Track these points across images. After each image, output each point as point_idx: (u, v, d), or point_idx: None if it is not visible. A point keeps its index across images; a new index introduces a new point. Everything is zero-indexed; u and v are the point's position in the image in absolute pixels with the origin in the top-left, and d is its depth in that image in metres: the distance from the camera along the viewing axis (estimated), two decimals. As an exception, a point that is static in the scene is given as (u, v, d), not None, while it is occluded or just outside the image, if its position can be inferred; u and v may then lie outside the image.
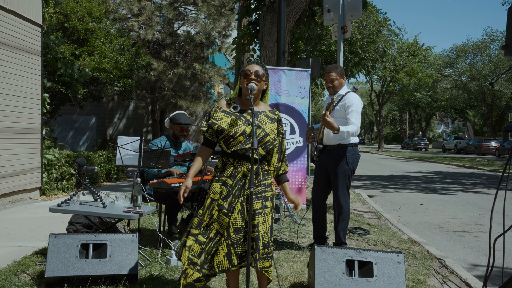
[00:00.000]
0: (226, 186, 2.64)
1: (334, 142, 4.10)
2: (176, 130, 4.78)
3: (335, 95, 4.18)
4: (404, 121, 66.77)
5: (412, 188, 11.24)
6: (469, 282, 3.53)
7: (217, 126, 2.65)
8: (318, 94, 40.20)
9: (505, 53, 2.22)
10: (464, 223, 6.62)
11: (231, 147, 2.64)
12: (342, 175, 4.08)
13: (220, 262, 2.57)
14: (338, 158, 4.07)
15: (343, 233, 4.14)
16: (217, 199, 2.64)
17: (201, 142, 2.84)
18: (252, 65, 2.72)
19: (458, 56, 37.96)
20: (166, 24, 18.14)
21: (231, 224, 2.59)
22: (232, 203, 2.60)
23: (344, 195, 4.12)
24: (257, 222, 2.59)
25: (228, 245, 2.57)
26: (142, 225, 5.32)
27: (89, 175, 3.87)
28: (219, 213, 2.62)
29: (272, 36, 8.62)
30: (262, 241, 2.58)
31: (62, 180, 8.74)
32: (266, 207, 2.64)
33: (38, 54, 7.81)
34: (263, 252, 2.58)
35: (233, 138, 2.62)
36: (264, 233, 2.60)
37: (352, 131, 3.92)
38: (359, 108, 4.06)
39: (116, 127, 22.66)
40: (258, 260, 2.55)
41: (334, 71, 4.18)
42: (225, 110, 2.71)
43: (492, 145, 31.66)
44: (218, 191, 2.65)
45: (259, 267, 2.55)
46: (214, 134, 2.72)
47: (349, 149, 4.09)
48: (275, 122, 2.76)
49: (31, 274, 3.43)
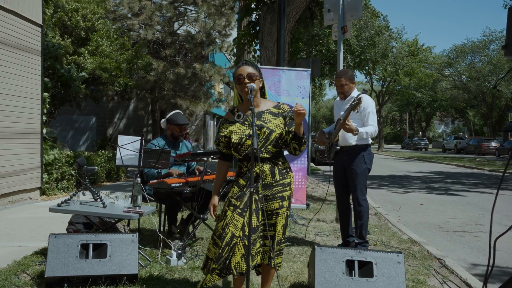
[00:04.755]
0: (239, 186, 2.68)
1: (351, 143, 4.17)
2: (175, 131, 4.76)
3: (346, 99, 4.26)
4: (404, 121, 66.76)
5: (412, 188, 11.24)
6: (469, 282, 3.53)
7: (223, 138, 2.71)
8: (318, 94, 40.20)
9: (505, 53, 2.22)
10: (464, 223, 6.62)
11: (241, 152, 2.68)
12: (361, 175, 4.14)
13: (238, 263, 2.60)
14: (356, 158, 4.15)
15: (364, 232, 4.19)
16: (231, 199, 2.68)
17: (218, 157, 2.89)
18: (242, 68, 2.70)
19: (457, 56, 37.98)
20: (166, 23, 18.14)
21: (246, 223, 2.60)
22: (246, 203, 2.63)
23: (362, 194, 4.18)
24: (274, 222, 2.67)
25: (244, 245, 2.59)
26: (142, 225, 5.32)
27: (89, 175, 3.87)
28: (233, 213, 2.63)
29: (272, 36, 8.62)
30: (276, 239, 2.67)
31: (62, 180, 8.74)
32: (283, 207, 2.69)
33: (38, 54, 7.80)
34: (276, 249, 2.67)
35: (241, 144, 2.66)
36: (278, 231, 2.68)
37: (371, 132, 4.05)
38: (374, 109, 4.19)
39: (116, 127, 22.66)
40: (272, 258, 2.64)
41: (344, 77, 4.25)
42: (230, 120, 2.75)
43: (492, 145, 31.69)
44: (235, 191, 2.69)
45: (273, 264, 2.64)
46: (226, 146, 2.75)
47: (365, 148, 4.18)
48: (280, 116, 2.73)
49: (31, 274, 3.42)
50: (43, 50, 8.07)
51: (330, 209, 6.82)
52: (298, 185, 6.42)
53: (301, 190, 6.39)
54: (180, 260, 3.74)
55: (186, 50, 18.75)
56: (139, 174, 4.08)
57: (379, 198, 9.22)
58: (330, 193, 8.16)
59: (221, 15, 18.11)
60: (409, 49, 35.29)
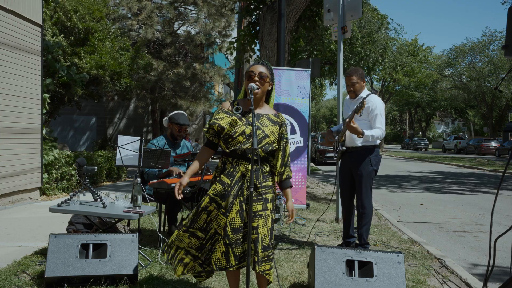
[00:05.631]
0: (224, 185, 2.63)
1: (358, 144, 4.10)
2: (174, 130, 4.77)
3: (356, 98, 4.19)
4: (404, 121, 66.73)
5: (412, 188, 11.24)
6: (469, 282, 3.53)
7: (217, 126, 2.64)
8: (318, 94, 40.22)
9: (505, 53, 2.22)
10: (464, 223, 6.62)
11: (230, 146, 2.64)
12: (366, 177, 4.08)
13: (218, 259, 2.58)
14: (362, 160, 4.08)
15: (366, 234, 4.15)
16: (214, 197, 2.64)
17: (204, 143, 2.84)
18: (256, 66, 2.69)
19: (457, 56, 37.99)
20: (166, 23, 18.14)
21: (228, 223, 2.58)
22: (231, 203, 2.59)
23: (367, 196, 4.12)
24: (257, 225, 2.58)
25: (225, 244, 2.57)
26: (142, 225, 5.32)
27: (89, 175, 3.87)
28: (217, 211, 2.63)
29: (272, 36, 8.62)
30: (261, 243, 2.56)
31: (62, 180, 8.74)
32: (267, 209, 2.63)
33: (38, 54, 7.80)
34: (262, 255, 2.56)
35: (232, 137, 2.62)
36: (264, 235, 2.59)
37: (377, 135, 3.94)
38: (382, 111, 4.08)
39: (116, 127, 22.67)
40: (257, 262, 2.53)
41: (355, 75, 4.18)
42: (227, 111, 2.70)
43: (492, 145, 31.68)
44: (218, 189, 2.64)
45: (259, 270, 2.54)
46: (215, 135, 2.71)
47: (373, 150, 4.10)
48: (277, 125, 2.73)
49: (31, 274, 3.42)
50: (43, 50, 8.07)
51: (330, 209, 6.82)
52: (298, 185, 6.42)
53: (301, 190, 6.39)
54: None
55: (186, 50, 18.75)
56: (139, 174, 4.08)
57: (379, 198, 9.22)
58: (330, 193, 8.15)
59: (221, 16, 18.12)
60: (409, 49, 35.28)
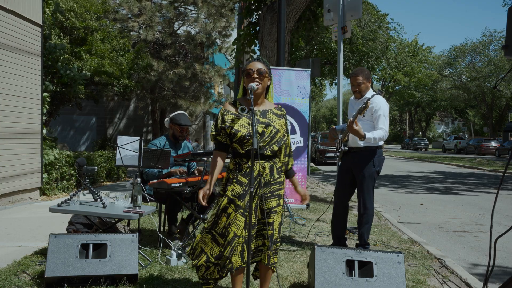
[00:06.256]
0: (242, 185, 2.63)
1: (360, 145, 4.03)
2: (175, 131, 4.77)
3: (361, 98, 4.13)
4: (404, 121, 66.75)
5: (412, 188, 11.24)
6: (469, 282, 3.53)
7: (230, 129, 2.64)
8: (318, 94, 40.23)
9: (505, 53, 2.22)
10: (464, 223, 6.62)
11: (245, 147, 2.64)
12: (368, 178, 4.03)
13: (236, 261, 2.61)
14: (365, 161, 4.02)
15: (366, 235, 4.13)
16: (233, 198, 2.62)
17: (214, 148, 2.81)
18: (253, 63, 2.69)
19: (457, 56, 37.99)
20: (167, 24, 18.14)
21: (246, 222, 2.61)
22: (248, 202, 2.61)
23: (369, 197, 4.09)
24: (273, 221, 2.66)
25: (243, 243, 2.61)
26: (142, 225, 5.32)
27: (89, 175, 3.87)
28: (236, 213, 2.60)
29: (272, 36, 8.62)
30: (273, 238, 2.66)
31: (62, 180, 8.74)
32: (279, 205, 2.71)
33: (38, 55, 7.81)
34: (273, 248, 2.65)
35: (246, 138, 2.62)
36: (275, 230, 2.68)
37: (379, 137, 3.87)
38: (386, 112, 4.02)
39: (116, 127, 22.67)
40: (270, 257, 2.63)
41: (361, 75, 4.10)
42: (234, 112, 2.69)
43: (492, 145, 31.68)
44: (237, 190, 2.63)
45: (270, 264, 2.64)
46: (227, 136, 2.70)
47: (375, 151, 4.05)
48: (282, 118, 2.79)
49: (31, 274, 3.42)
50: (43, 50, 8.07)
51: (330, 209, 6.81)
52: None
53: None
54: (180, 260, 3.74)
55: (186, 51, 18.76)
56: (139, 174, 4.08)
57: (379, 198, 9.22)
58: (330, 193, 8.16)
59: (221, 16, 18.12)
60: (409, 49, 35.27)
